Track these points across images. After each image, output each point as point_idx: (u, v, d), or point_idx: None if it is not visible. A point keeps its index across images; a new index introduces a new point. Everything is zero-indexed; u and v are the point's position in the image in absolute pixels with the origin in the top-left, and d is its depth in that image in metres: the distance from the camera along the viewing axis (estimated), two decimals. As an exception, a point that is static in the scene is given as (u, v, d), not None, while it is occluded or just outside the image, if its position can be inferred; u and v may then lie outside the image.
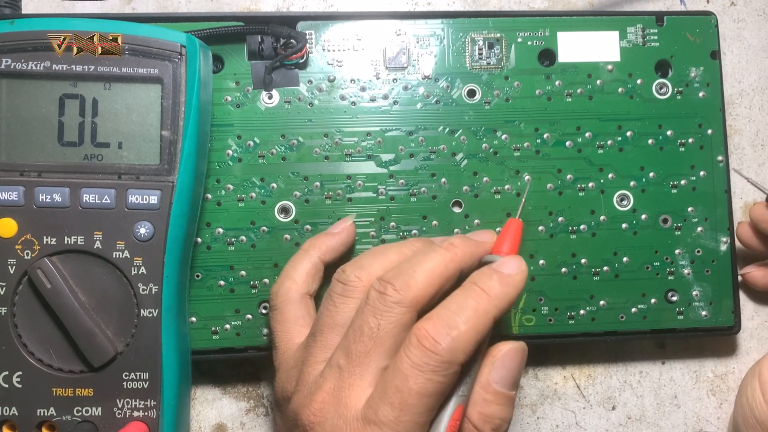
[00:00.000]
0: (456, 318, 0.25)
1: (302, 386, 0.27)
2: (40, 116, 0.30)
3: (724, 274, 0.35)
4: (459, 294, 0.27)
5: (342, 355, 0.26)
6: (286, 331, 0.30)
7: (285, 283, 0.30)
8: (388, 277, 0.27)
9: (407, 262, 0.28)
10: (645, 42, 0.35)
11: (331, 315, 0.28)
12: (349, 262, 0.29)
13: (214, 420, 0.35)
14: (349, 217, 0.33)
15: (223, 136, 0.33)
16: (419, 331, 0.25)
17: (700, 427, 0.36)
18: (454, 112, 0.34)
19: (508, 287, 0.27)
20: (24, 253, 0.29)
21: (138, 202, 0.30)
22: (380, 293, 0.26)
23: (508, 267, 0.27)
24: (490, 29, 0.35)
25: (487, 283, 0.27)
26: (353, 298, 0.28)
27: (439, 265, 0.27)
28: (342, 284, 0.28)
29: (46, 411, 0.29)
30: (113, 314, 0.30)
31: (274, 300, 0.30)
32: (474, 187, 0.34)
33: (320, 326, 0.28)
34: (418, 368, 0.24)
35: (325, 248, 0.31)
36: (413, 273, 0.27)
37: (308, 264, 0.30)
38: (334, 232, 0.32)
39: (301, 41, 0.33)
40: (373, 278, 0.27)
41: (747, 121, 0.38)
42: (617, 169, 0.35)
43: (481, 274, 0.27)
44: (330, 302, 0.28)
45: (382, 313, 0.26)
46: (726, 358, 0.37)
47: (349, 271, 0.28)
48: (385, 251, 0.29)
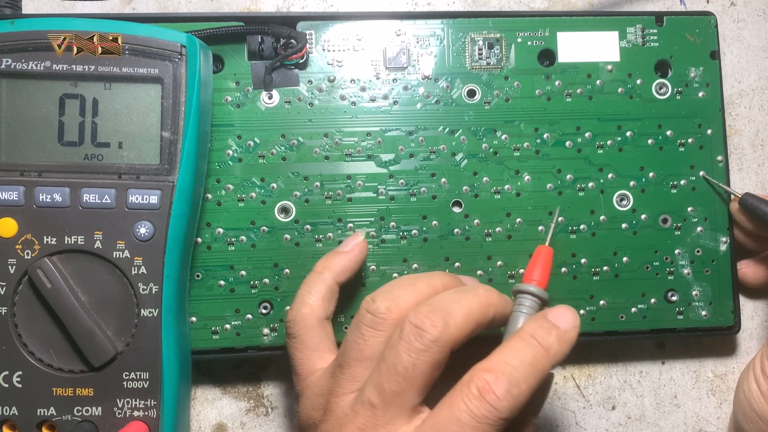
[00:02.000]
0: (516, 374, 0.25)
1: (330, 417, 0.27)
2: (40, 116, 0.30)
3: (724, 274, 0.35)
4: (518, 347, 0.26)
5: (374, 392, 0.25)
6: (307, 359, 0.29)
7: (301, 310, 0.29)
8: (425, 311, 0.26)
9: (443, 298, 0.27)
10: (645, 42, 0.35)
11: (360, 348, 0.27)
12: (378, 292, 0.28)
13: (214, 420, 0.35)
14: (359, 233, 0.32)
15: (223, 136, 0.33)
16: (481, 383, 0.24)
17: (700, 427, 0.36)
18: (454, 112, 0.34)
19: (564, 345, 0.26)
20: (24, 253, 0.29)
21: (138, 201, 0.30)
22: (416, 328, 0.25)
23: (565, 322, 0.27)
24: (490, 29, 0.35)
25: (547, 340, 0.26)
26: (383, 332, 0.27)
27: (478, 307, 0.27)
28: (371, 315, 0.27)
29: (46, 411, 0.29)
30: (113, 314, 0.30)
31: (292, 328, 0.29)
32: (474, 187, 0.34)
33: (347, 358, 0.27)
34: (476, 419, 0.24)
35: (339, 269, 0.30)
36: (452, 311, 0.26)
37: (323, 287, 0.30)
38: (346, 250, 0.31)
39: (301, 41, 0.33)
40: (404, 311, 0.27)
41: (747, 121, 0.38)
42: (617, 169, 0.35)
43: (539, 327, 0.26)
44: (358, 334, 0.27)
45: (418, 352, 0.25)
46: (726, 358, 0.37)
47: (379, 302, 0.27)
48: (415, 282, 0.28)
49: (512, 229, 0.34)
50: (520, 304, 0.29)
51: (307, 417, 0.28)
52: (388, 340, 0.26)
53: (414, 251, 0.34)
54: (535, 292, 0.29)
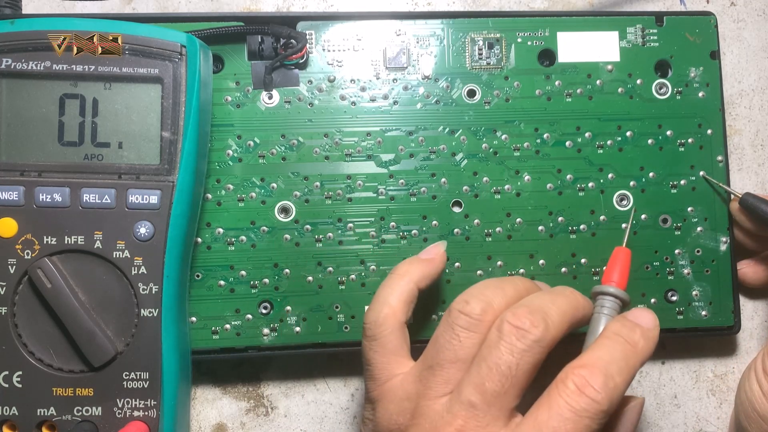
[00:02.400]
0: (611, 368, 0.25)
1: (422, 420, 0.26)
2: (40, 116, 0.30)
3: (724, 274, 0.35)
4: (607, 344, 0.27)
5: (474, 392, 0.25)
6: (387, 363, 0.28)
7: (383, 311, 0.29)
8: (523, 312, 0.26)
9: (537, 300, 0.27)
10: (645, 42, 0.35)
11: (454, 349, 0.27)
12: (469, 294, 0.28)
13: (214, 420, 0.35)
14: (441, 244, 0.32)
15: (223, 136, 0.33)
16: (578, 379, 0.25)
17: (700, 427, 0.36)
18: (454, 112, 0.34)
19: (649, 342, 0.27)
20: (24, 253, 0.29)
21: (138, 201, 0.30)
22: (517, 329, 0.26)
23: (646, 321, 0.28)
24: (490, 29, 0.35)
25: (632, 337, 0.27)
26: (478, 333, 0.27)
27: (570, 309, 0.28)
28: (466, 317, 0.27)
29: (46, 411, 0.29)
30: (113, 314, 0.30)
31: (374, 329, 0.29)
32: (474, 187, 0.34)
33: (440, 360, 0.27)
34: (577, 414, 0.24)
35: (421, 275, 0.30)
36: (549, 312, 0.26)
37: (406, 291, 0.29)
38: (429, 258, 0.31)
39: (301, 41, 0.33)
40: (497, 313, 0.27)
41: (747, 121, 0.38)
42: (617, 169, 0.35)
43: (622, 326, 0.27)
44: (452, 335, 0.27)
45: (521, 352, 0.25)
46: (726, 358, 0.37)
47: (474, 304, 0.27)
48: (502, 285, 0.28)
49: (512, 229, 0.34)
50: (601, 306, 0.29)
51: (389, 422, 0.28)
52: (482, 341, 0.27)
53: (414, 251, 0.34)
54: (616, 293, 0.29)
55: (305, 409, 0.35)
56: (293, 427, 0.35)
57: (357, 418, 0.35)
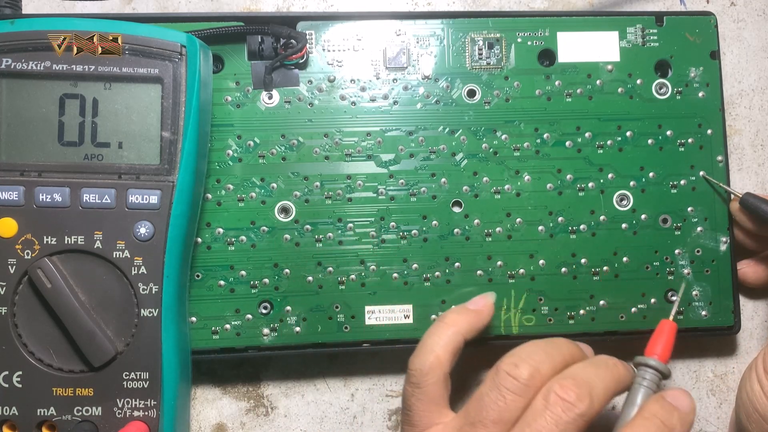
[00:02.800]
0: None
1: None
2: (40, 116, 0.30)
3: (724, 274, 0.35)
4: (646, 425, 0.27)
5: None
6: (428, 411, 0.29)
7: (429, 359, 0.29)
8: (569, 385, 0.27)
9: (583, 372, 0.28)
10: (645, 42, 0.35)
11: (500, 410, 0.27)
12: (518, 357, 0.28)
13: (214, 420, 0.35)
14: (490, 295, 0.33)
15: (223, 136, 0.33)
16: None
17: (700, 427, 0.36)
18: (454, 112, 0.34)
19: (685, 426, 0.28)
20: (24, 253, 0.29)
21: (138, 201, 0.30)
22: (563, 401, 0.27)
23: (684, 405, 0.28)
24: (490, 29, 0.35)
25: (671, 420, 0.28)
26: (524, 398, 0.27)
27: (613, 384, 0.28)
28: (514, 380, 0.27)
29: (46, 411, 0.29)
30: (113, 314, 0.30)
31: (419, 377, 0.29)
32: (474, 187, 0.34)
33: (483, 418, 0.27)
34: None
35: (469, 327, 0.30)
36: (594, 386, 0.27)
37: (453, 342, 0.30)
38: (477, 309, 0.31)
39: (301, 41, 0.33)
40: (544, 379, 0.28)
41: (747, 121, 0.38)
42: (617, 169, 0.35)
43: (661, 408, 0.28)
44: (499, 396, 0.27)
45: (566, 424, 0.26)
46: (726, 358, 0.37)
47: (523, 368, 0.28)
48: (550, 351, 0.29)
49: (512, 229, 0.34)
50: (642, 377, 0.30)
51: None
52: (526, 405, 0.27)
53: (414, 251, 0.34)
54: (657, 367, 0.30)
55: (305, 409, 0.35)
56: (293, 427, 0.35)
57: (357, 418, 0.35)
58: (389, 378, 0.36)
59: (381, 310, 0.33)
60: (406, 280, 0.34)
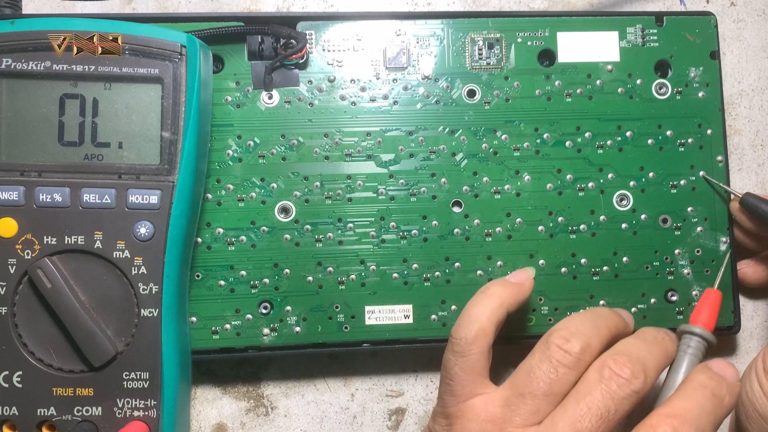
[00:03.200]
0: (701, 422, 0.27)
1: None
2: (40, 116, 0.30)
3: (724, 274, 0.35)
4: (696, 396, 0.28)
5: (568, 428, 0.26)
6: (471, 381, 0.29)
7: (475, 329, 0.29)
8: (624, 361, 0.27)
9: (636, 348, 0.28)
10: (645, 42, 0.35)
11: (551, 383, 0.27)
12: (567, 330, 0.28)
13: (214, 420, 0.35)
14: (530, 270, 0.33)
15: (223, 136, 0.33)
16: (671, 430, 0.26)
17: (700, 427, 0.36)
18: (454, 112, 0.34)
19: (734, 398, 0.28)
20: (24, 253, 0.29)
21: (138, 201, 0.30)
22: (619, 377, 0.27)
23: (731, 375, 0.29)
24: (490, 29, 0.35)
25: (720, 391, 0.28)
26: (576, 371, 0.28)
27: (665, 359, 0.29)
28: (566, 353, 0.28)
29: (46, 411, 0.29)
30: (113, 314, 0.30)
31: (464, 346, 0.29)
32: (474, 187, 0.34)
33: (533, 390, 0.27)
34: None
35: (513, 300, 0.30)
36: (648, 363, 0.28)
37: (498, 315, 0.30)
38: (519, 282, 0.31)
39: (301, 41, 0.33)
40: (595, 353, 0.28)
41: (747, 121, 0.38)
42: (617, 169, 0.35)
43: (710, 379, 0.28)
44: (550, 368, 0.28)
45: (621, 400, 0.27)
46: (726, 358, 0.37)
47: (574, 342, 0.28)
48: (597, 323, 0.29)
49: (512, 229, 0.34)
50: (687, 345, 0.30)
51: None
52: (576, 379, 0.28)
53: (414, 251, 0.34)
54: (703, 335, 0.30)
55: (305, 409, 0.35)
56: (293, 427, 0.35)
57: (357, 418, 0.35)
58: (389, 378, 0.36)
59: (381, 310, 0.34)
60: (406, 280, 0.34)
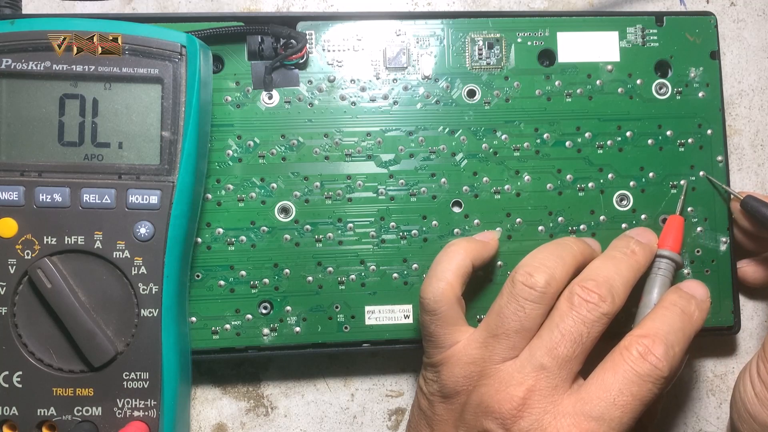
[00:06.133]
0: (671, 338, 0.28)
1: (490, 381, 0.28)
2: (40, 116, 0.30)
3: (724, 274, 0.35)
4: (666, 315, 0.29)
5: (546, 355, 0.28)
6: (449, 333, 0.30)
7: (439, 286, 0.30)
8: (591, 286, 0.28)
9: (603, 271, 0.29)
10: (645, 42, 0.35)
11: (520, 320, 0.28)
12: (531, 266, 0.29)
13: (214, 420, 0.35)
14: (497, 230, 0.34)
15: (223, 136, 0.33)
16: (641, 348, 0.28)
17: (700, 427, 0.36)
18: (454, 112, 0.34)
19: (703, 313, 0.30)
20: (24, 253, 0.29)
21: (138, 202, 0.30)
22: (587, 302, 0.28)
23: (700, 293, 0.30)
24: (490, 29, 0.35)
25: (689, 308, 0.29)
26: (543, 305, 0.29)
27: (633, 276, 0.30)
28: (530, 289, 0.29)
29: (46, 411, 0.29)
30: (113, 314, 0.30)
31: (432, 304, 0.30)
32: (474, 187, 0.34)
33: (506, 329, 0.28)
34: (641, 378, 0.27)
35: (476, 254, 0.31)
36: (615, 284, 0.29)
37: (462, 266, 0.30)
38: (485, 240, 0.32)
39: (301, 41, 0.33)
40: (560, 284, 0.29)
41: (747, 121, 0.38)
42: (617, 169, 0.35)
43: (679, 297, 0.30)
44: (518, 306, 0.29)
45: (592, 323, 0.28)
46: (725, 357, 0.37)
47: (537, 276, 0.29)
48: (561, 254, 0.30)
49: (512, 229, 0.34)
50: (658, 267, 0.32)
51: (456, 383, 0.29)
52: (546, 312, 0.29)
53: (414, 251, 0.34)
54: (671, 257, 0.32)
55: (305, 409, 0.35)
56: (293, 427, 0.35)
57: (357, 418, 0.35)
58: (389, 378, 0.36)
59: (381, 310, 0.34)
60: (406, 280, 0.34)
